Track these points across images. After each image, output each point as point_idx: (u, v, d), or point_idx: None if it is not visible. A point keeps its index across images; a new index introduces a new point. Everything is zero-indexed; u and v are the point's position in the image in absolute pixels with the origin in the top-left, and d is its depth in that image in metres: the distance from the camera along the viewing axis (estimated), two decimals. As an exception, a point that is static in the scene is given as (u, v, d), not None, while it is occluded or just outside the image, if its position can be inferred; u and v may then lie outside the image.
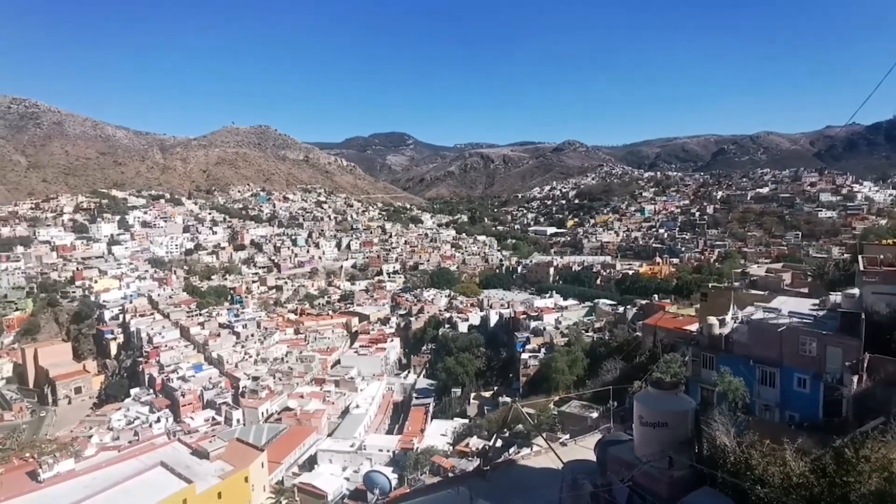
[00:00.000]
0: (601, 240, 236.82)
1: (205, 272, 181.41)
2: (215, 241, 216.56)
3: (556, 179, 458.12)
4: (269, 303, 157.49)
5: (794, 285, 44.29)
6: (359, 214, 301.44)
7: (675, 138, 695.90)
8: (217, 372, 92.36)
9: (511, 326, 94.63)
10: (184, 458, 35.84)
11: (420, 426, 69.91)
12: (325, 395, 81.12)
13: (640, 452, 10.38)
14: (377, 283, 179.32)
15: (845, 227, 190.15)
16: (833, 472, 8.99)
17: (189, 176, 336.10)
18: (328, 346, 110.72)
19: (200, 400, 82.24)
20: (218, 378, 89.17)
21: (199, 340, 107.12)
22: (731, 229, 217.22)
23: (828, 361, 23.76)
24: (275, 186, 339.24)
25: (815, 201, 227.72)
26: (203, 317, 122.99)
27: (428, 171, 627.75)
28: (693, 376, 29.77)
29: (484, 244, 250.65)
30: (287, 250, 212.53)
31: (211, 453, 36.02)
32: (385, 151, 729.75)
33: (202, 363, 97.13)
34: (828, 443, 12.24)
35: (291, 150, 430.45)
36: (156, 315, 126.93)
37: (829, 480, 8.86)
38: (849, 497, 8.58)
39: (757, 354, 26.56)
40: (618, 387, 34.34)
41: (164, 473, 32.97)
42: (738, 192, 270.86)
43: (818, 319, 26.04)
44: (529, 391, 66.06)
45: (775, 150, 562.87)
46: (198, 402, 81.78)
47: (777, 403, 25.94)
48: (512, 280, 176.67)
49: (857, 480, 8.65)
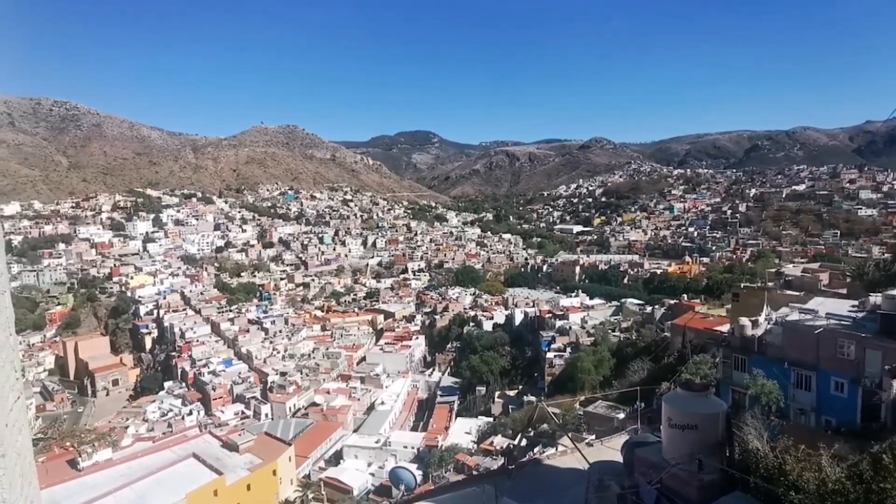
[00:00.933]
0: (628, 238, 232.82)
1: (234, 269, 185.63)
2: (245, 238, 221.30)
3: (582, 177, 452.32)
4: (296, 300, 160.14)
5: (832, 286, 42.76)
6: (384, 213, 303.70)
7: (706, 135, 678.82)
8: (246, 367, 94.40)
9: (536, 325, 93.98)
10: (214, 451, 36.88)
11: (444, 424, 70.02)
12: (351, 391, 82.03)
13: (669, 455, 10.22)
14: (402, 281, 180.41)
15: (886, 225, 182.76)
16: (870, 479, 8.68)
17: (220, 175, 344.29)
18: (354, 343, 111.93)
19: (230, 394, 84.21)
20: (247, 373, 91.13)
21: (229, 336, 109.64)
22: (765, 228, 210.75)
23: (867, 365, 22.93)
24: (302, 185, 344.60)
25: (854, 199, 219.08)
26: (233, 313, 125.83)
27: (453, 170, 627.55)
28: (724, 378, 29.13)
29: (509, 242, 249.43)
30: (314, 248, 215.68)
31: (240, 446, 36.97)
32: (410, 150, 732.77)
33: (232, 358, 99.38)
34: (865, 448, 11.82)
35: (318, 150, 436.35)
36: (188, 311, 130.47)
37: (866, 487, 8.55)
38: (887, 505, 8.28)
39: (792, 357, 25.81)
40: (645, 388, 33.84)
41: (196, 464, 34.01)
42: (772, 189, 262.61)
43: (857, 321, 25.12)
44: (555, 391, 65.55)
45: (812, 146, 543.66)
46: (228, 395, 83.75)
47: (813, 408, 25.17)
48: (537, 279, 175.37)
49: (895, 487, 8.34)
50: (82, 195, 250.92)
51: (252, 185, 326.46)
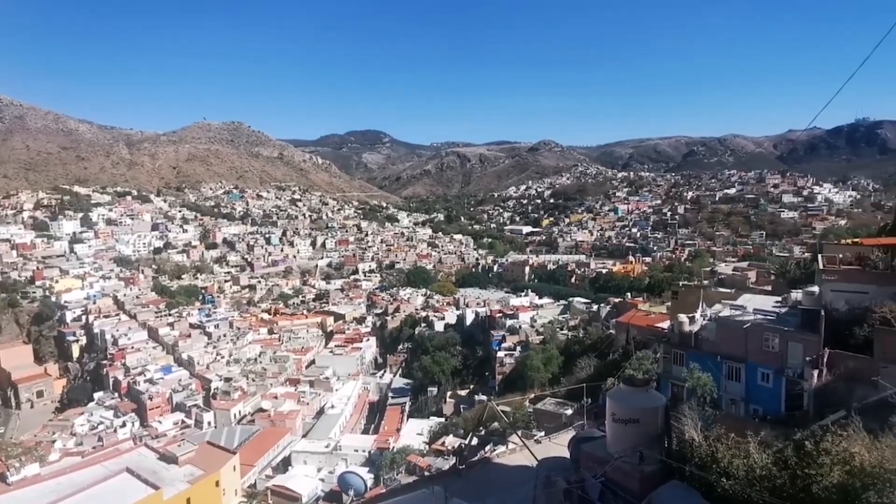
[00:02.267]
0: (576, 239, 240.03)
1: (174, 271, 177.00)
2: (186, 239, 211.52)
3: (531, 179, 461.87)
4: (241, 302, 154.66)
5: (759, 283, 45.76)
6: (334, 213, 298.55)
7: (648, 139, 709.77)
8: (187, 374, 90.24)
9: (487, 325, 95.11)
10: (151, 464, 34.95)
11: (396, 425, 69.72)
12: (300, 395, 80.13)
13: (613, 448, 10.55)
14: (353, 282, 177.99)
15: (806, 227, 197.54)
16: (794, 465, 9.29)
17: (158, 172, 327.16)
18: (303, 345, 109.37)
19: (169, 403, 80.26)
20: (188, 380, 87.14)
21: (169, 342, 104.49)
22: (701, 229, 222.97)
23: (789, 357, 24.61)
24: (248, 184, 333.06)
25: (777, 202, 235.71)
26: (173, 317, 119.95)
27: (404, 170, 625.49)
28: (664, 373, 30.47)
29: (460, 243, 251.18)
30: (261, 249, 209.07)
31: (180, 458, 35.21)
32: (361, 149, 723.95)
33: (171, 365, 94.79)
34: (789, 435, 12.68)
35: (265, 148, 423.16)
36: (121, 316, 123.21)
37: (791, 473, 9.16)
38: (811, 489, 8.88)
39: (724, 351, 27.34)
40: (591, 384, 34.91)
41: (130, 480, 32.08)
42: (707, 192, 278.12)
43: (780, 316, 26.93)
44: (505, 389, 66.55)
45: (741, 153, 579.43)
46: (166, 405, 79.79)
47: (742, 398, 26.76)
48: (488, 279, 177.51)
49: (819, 473, 8.95)
50: (2, 192, 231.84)
51: (194, 184, 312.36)
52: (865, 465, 8.64)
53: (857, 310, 23.56)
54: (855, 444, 9.41)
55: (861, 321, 22.51)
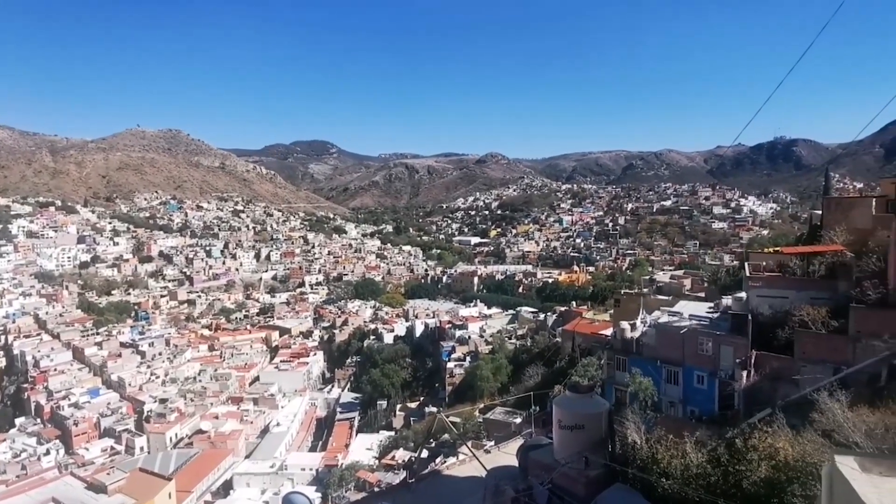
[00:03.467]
0: (523, 249, 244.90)
1: (104, 287, 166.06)
2: (117, 252, 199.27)
3: (479, 190, 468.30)
4: (179, 318, 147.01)
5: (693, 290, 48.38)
6: (279, 224, 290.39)
7: (590, 153, 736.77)
8: (117, 396, 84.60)
9: (436, 336, 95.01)
10: (78, 494, 32.49)
11: (345, 441, 68.17)
12: (243, 414, 76.78)
13: (560, 455, 10.76)
14: (299, 295, 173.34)
15: (734, 236, 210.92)
16: (727, 462, 9.83)
17: (85, 182, 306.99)
18: (246, 362, 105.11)
19: (97, 428, 74.86)
20: (118, 403, 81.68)
21: (96, 362, 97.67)
22: (640, 239, 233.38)
23: (721, 359, 26.10)
24: (187, 194, 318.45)
25: (709, 213, 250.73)
26: (101, 336, 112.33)
27: (352, 181, 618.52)
28: (608, 378, 31.49)
29: (409, 254, 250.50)
30: (201, 262, 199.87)
31: (109, 486, 32.96)
32: (307, 160, 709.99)
33: (99, 387, 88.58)
34: (722, 434, 13.41)
35: (206, 157, 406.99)
36: (43, 336, 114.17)
37: (724, 470, 9.67)
38: (741, 484, 9.41)
39: (663, 355, 28.61)
40: (539, 392, 35.53)
41: (54, 512, 29.65)
42: (645, 204, 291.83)
43: (713, 321, 28.55)
44: (455, 400, 66.51)
45: (676, 167, 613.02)
46: (94, 430, 74.37)
47: (680, 400, 28.06)
48: (437, 290, 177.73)
49: (748, 469, 9.51)
50: None
51: (126, 194, 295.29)
52: (789, 460, 9.25)
53: (779, 313, 25.34)
54: (779, 439, 10.06)
55: (783, 324, 24.20)
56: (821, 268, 26.53)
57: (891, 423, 10.08)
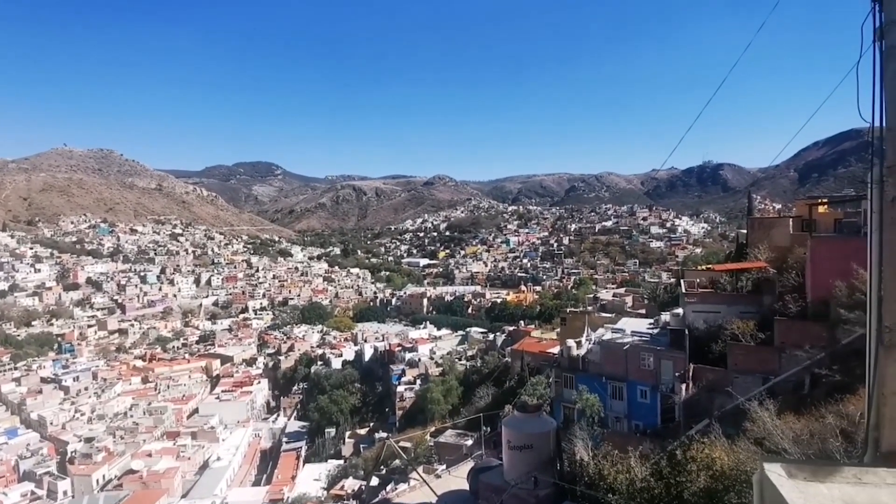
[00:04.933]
0: (471, 270, 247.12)
1: (23, 318, 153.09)
2: (38, 280, 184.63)
3: (427, 212, 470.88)
4: (109, 349, 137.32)
5: (635, 307, 50.34)
6: (221, 248, 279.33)
7: (534, 175, 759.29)
8: (37, 436, 77.49)
9: (386, 359, 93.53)
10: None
11: (291, 472, 65.35)
12: (180, 450, 71.99)
13: (509, 476, 10.75)
14: (242, 322, 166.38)
15: (670, 255, 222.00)
16: (668, 474, 10.13)
17: (4, 204, 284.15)
18: (184, 393, 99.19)
19: (15, 472, 68.06)
20: (38, 443, 74.79)
21: (14, 400, 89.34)
22: (584, 258, 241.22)
23: (662, 373, 27.17)
24: (119, 217, 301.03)
25: (647, 233, 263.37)
26: (19, 371, 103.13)
27: (298, 203, 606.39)
28: (557, 396, 32.00)
29: (357, 277, 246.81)
30: (134, 289, 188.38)
31: (25, 538, 29.83)
32: (251, 181, 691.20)
33: (17, 427, 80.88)
34: (665, 447, 13.86)
35: (141, 178, 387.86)
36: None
37: (666, 482, 9.96)
38: (682, 496, 9.70)
39: (608, 371, 29.45)
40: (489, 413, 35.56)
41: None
42: (587, 224, 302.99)
43: (654, 337, 29.76)
44: (406, 424, 65.40)
45: (615, 189, 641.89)
46: (12, 474, 67.53)
47: (625, 414, 28.88)
48: (386, 312, 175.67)
49: (689, 480, 9.83)
50: None
51: (50, 217, 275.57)
52: (726, 469, 9.66)
53: (712, 327, 26.78)
54: (716, 449, 10.50)
55: (716, 337, 25.58)
56: (748, 283, 28.38)
57: (815, 429, 10.76)
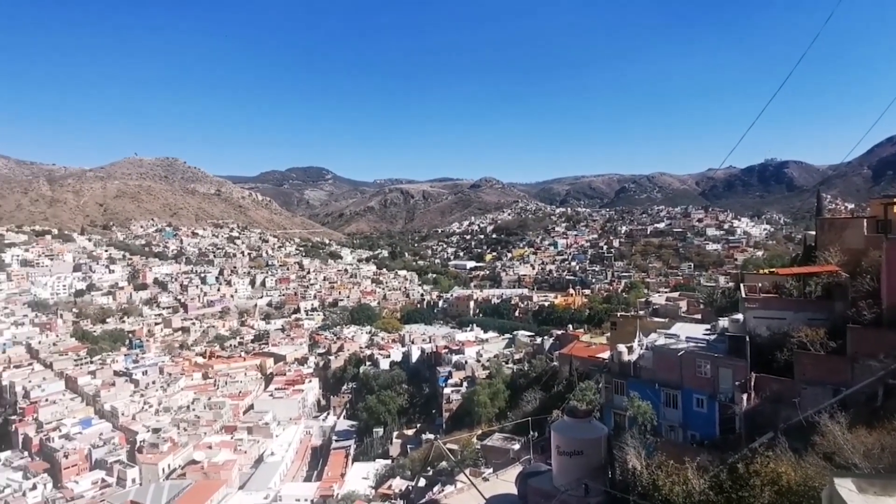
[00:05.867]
0: (518, 273, 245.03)
1: (98, 315, 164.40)
2: (112, 280, 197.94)
3: (474, 215, 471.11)
4: (174, 346, 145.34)
5: (690, 312, 48.33)
6: (275, 250, 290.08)
7: (583, 176, 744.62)
8: (109, 426, 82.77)
9: (433, 361, 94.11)
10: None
11: (340, 470, 66.81)
12: (237, 443, 75.17)
13: (559, 482, 10.60)
14: (294, 322, 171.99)
15: (728, 258, 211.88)
16: (729, 488, 9.68)
17: (82, 210, 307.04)
18: (240, 390, 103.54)
19: (88, 460, 72.98)
20: (110, 433, 79.87)
21: (89, 392, 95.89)
22: (635, 261, 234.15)
23: (720, 382, 25.92)
24: (182, 221, 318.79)
25: (702, 235, 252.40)
26: (95, 365, 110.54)
27: (347, 206, 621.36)
28: (607, 402, 31.19)
29: (405, 279, 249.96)
30: (195, 289, 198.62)
31: (99, 521, 31.96)
32: (303, 186, 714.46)
33: (91, 417, 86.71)
34: (724, 459, 13.23)
35: (202, 184, 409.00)
36: (35, 366, 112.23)
37: (727, 496, 9.52)
38: (744, 510, 9.25)
39: (661, 378, 28.41)
40: (537, 417, 35.08)
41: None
42: (639, 226, 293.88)
43: (710, 343, 28.47)
44: (453, 426, 65.55)
45: (668, 190, 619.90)
46: (84, 462, 72.47)
47: (680, 424, 27.75)
48: (433, 314, 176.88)
49: (751, 495, 9.36)
50: None
51: (123, 222, 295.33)
52: (792, 484, 9.13)
53: (777, 335, 25.32)
54: (782, 464, 9.95)
55: (781, 345, 24.16)
56: (817, 288, 26.66)
57: (887, 442, 10.01)
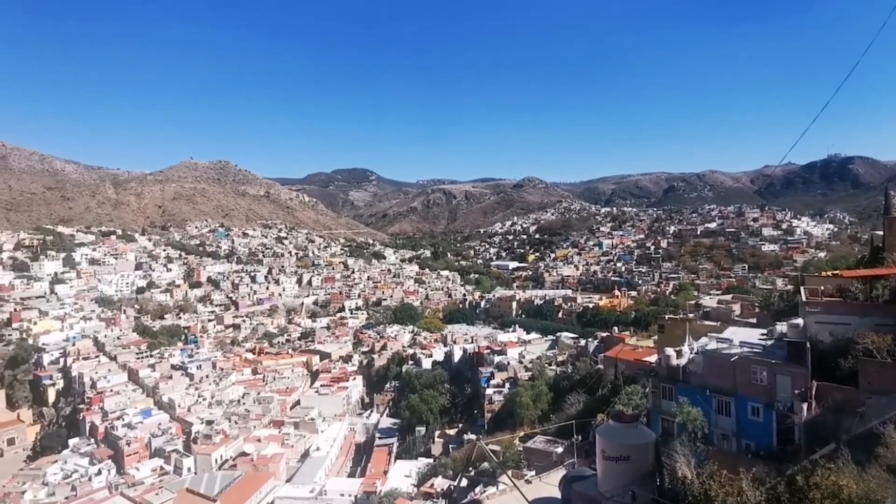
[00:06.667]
0: (562, 273, 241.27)
1: (157, 311, 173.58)
2: (170, 278, 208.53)
3: (516, 215, 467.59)
4: (225, 342, 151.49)
5: (744, 315, 46.17)
6: (320, 250, 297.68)
7: (629, 175, 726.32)
8: (167, 417, 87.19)
9: (475, 361, 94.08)
10: (127, 514, 33.41)
11: (383, 467, 67.75)
12: (284, 437, 77.62)
13: (604, 487, 10.40)
14: (339, 320, 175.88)
15: (787, 259, 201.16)
16: (787, 501, 9.24)
17: (143, 212, 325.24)
18: (287, 386, 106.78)
19: (148, 448, 77.10)
20: (168, 423, 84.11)
21: (149, 384, 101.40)
22: (684, 262, 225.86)
23: (778, 390, 24.66)
24: (234, 222, 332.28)
25: (758, 235, 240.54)
26: (154, 358, 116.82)
27: (391, 207, 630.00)
28: (654, 407, 30.27)
29: (447, 279, 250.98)
30: (246, 287, 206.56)
31: (158, 506, 33.75)
32: (348, 187, 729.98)
33: (151, 408, 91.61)
34: (782, 471, 12.61)
35: (252, 186, 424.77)
36: (101, 358, 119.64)
37: (784, 509, 9.09)
38: (803, 524, 8.81)
39: (712, 384, 27.33)
40: (581, 420, 34.48)
41: (105, 531, 30.60)
42: (688, 226, 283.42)
43: (767, 349, 27.14)
44: (494, 427, 65.33)
45: (720, 188, 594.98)
46: (145, 450, 76.61)
47: (734, 432, 26.60)
48: (475, 315, 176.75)
49: (810, 508, 8.91)
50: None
51: (179, 222, 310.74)
52: (853, 498, 8.64)
53: (840, 341, 23.87)
54: (843, 476, 9.41)
55: (845, 352, 22.77)
56: (885, 292, 24.99)
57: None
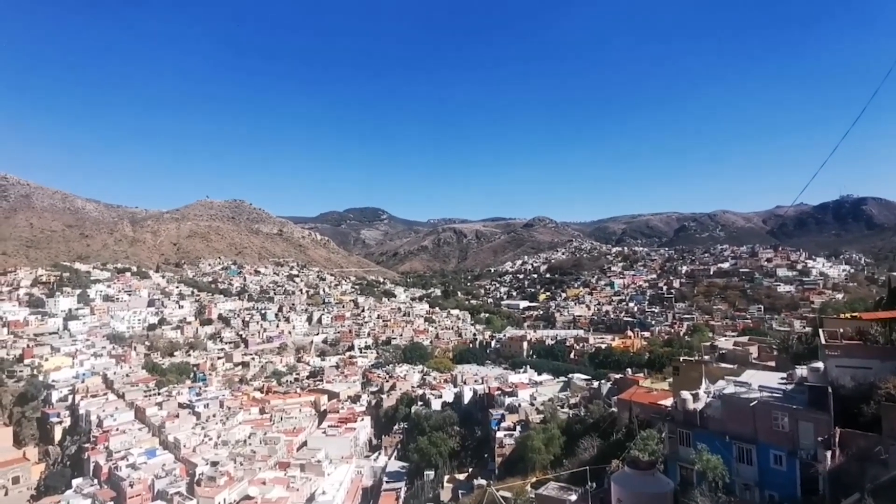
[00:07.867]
0: (573, 313, 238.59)
1: (167, 348, 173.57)
2: (181, 315, 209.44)
3: (527, 254, 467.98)
4: (234, 380, 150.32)
5: (761, 358, 45.14)
6: (331, 288, 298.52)
7: (640, 215, 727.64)
8: (172, 457, 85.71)
9: (485, 403, 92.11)
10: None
11: (391, 514, 65.55)
12: (290, 480, 75.68)
13: (621, 538, 10.04)
14: (348, 359, 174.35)
15: (804, 300, 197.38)
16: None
17: (159, 249, 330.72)
18: (294, 426, 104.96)
19: (151, 490, 75.54)
20: (173, 464, 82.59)
21: (156, 422, 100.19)
22: (698, 303, 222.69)
23: (801, 437, 23.82)
24: (247, 260, 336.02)
25: (772, 276, 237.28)
26: (162, 396, 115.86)
27: (402, 246, 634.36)
28: (671, 454, 29.28)
29: (457, 318, 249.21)
30: (256, 325, 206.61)
31: (159, 552, 32.81)
32: (359, 226, 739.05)
33: (156, 448, 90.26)
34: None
35: (265, 224, 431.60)
36: (109, 395, 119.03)
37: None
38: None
39: (732, 430, 26.48)
40: (595, 467, 33.43)
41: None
42: (701, 266, 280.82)
43: (787, 393, 26.38)
44: (505, 472, 63.33)
45: (732, 228, 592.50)
46: (148, 492, 75.02)
47: (756, 482, 25.55)
48: (486, 354, 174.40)
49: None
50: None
51: (193, 260, 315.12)
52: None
53: (862, 386, 23.21)
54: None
55: (867, 397, 22.10)
56: (905, 335, 24.42)
57: None
